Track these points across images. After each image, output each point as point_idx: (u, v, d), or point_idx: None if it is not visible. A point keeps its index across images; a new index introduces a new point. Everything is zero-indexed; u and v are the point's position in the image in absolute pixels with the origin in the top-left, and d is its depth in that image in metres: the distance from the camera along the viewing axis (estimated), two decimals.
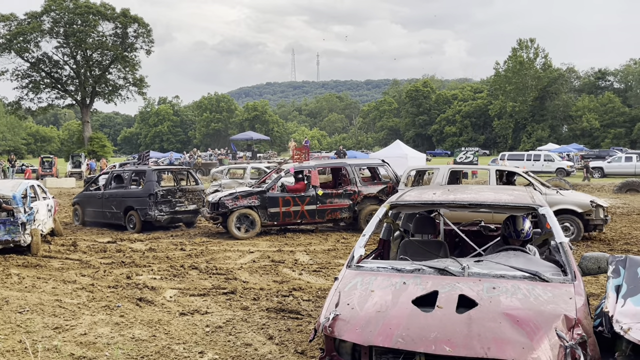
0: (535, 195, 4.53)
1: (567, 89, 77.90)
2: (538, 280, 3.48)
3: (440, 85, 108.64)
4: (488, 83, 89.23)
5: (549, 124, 74.31)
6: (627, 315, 3.11)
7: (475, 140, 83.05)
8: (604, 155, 43.67)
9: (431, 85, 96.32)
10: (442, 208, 4.86)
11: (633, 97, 74.17)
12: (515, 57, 76.74)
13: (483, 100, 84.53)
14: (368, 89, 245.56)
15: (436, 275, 3.62)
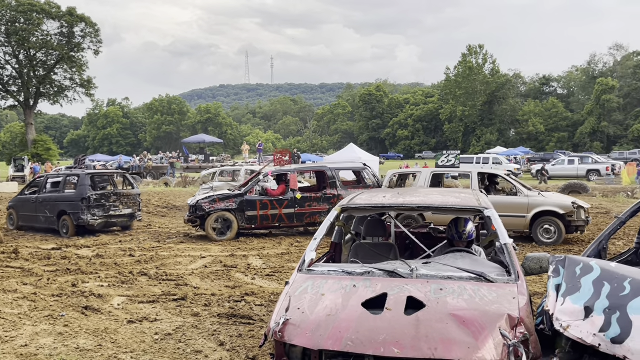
0: (481, 197, 4.65)
1: (514, 94, 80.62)
2: (483, 280, 3.57)
3: (392, 89, 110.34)
4: (439, 87, 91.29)
5: (497, 127, 76.64)
6: (566, 313, 3.22)
7: (426, 143, 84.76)
8: (548, 158, 45.42)
9: (384, 89, 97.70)
10: (392, 211, 4.93)
11: (575, 102, 77.44)
12: (465, 63, 78.87)
13: (434, 105, 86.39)
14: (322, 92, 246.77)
15: (385, 278, 3.66)
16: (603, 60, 77.51)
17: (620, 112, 68.03)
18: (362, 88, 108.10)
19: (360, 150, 37.46)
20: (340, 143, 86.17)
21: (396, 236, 6.01)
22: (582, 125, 69.22)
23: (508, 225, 10.89)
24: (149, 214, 16.33)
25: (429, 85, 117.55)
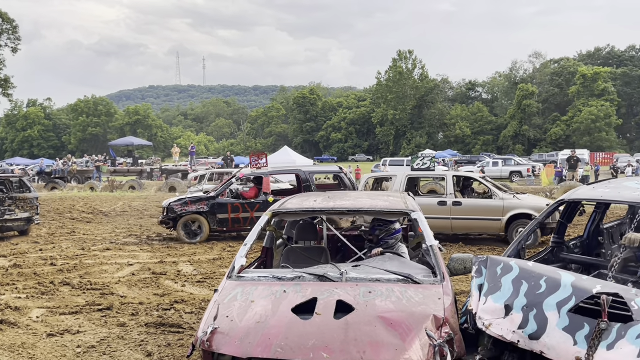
0: (408, 200, 4.76)
1: (442, 98, 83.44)
2: (410, 282, 3.65)
3: (326, 92, 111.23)
4: (371, 92, 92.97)
5: (426, 131, 78.99)
6: (488, 312, 3.35)
7: (359, 146, 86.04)
8: (474, 160, 47.35)
9: (317, 92, 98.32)
10: (322, 215, 4.95)
11: (498, 107, 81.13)
12: (395, 68, 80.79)
13: (366, 108, 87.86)
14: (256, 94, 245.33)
15: (316, 282, 3.67)
16: (523, 67, 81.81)
17: (539, 116, 71.92)
18: (296, 91, 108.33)
19: (294, 153, 37.51)
20: (274, 146, 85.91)
21: (328, 239, 6.05)
22: (506, 128, 72.60)
23: (484, 228, 11.08)
24: (72, 220, 15.60)
25: (361, 89, 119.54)
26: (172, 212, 11.44)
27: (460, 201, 10.92)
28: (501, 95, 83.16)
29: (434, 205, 10.80)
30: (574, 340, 2.97)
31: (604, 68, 70.33)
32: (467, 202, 11.03)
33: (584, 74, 68.30)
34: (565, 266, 4.72)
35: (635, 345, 2.79)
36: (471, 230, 11.08)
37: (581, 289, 3.18)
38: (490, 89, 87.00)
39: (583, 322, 3.01)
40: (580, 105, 67.22)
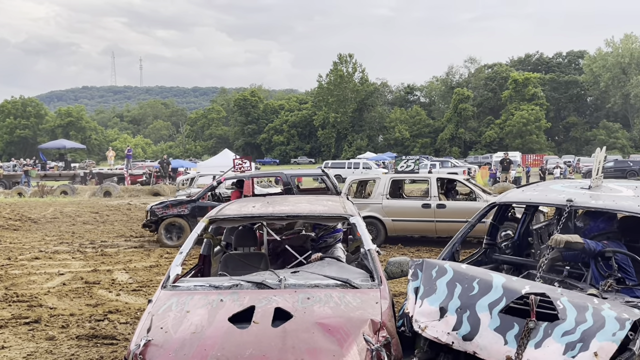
0: (347, 205, 4.78)
1: (382, 102, 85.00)
2: (349, 287, 3.67)
3: (267, 95, 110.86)
4: (312, 94, 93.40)
5: (367, 134, 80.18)
6: (424, 315, 3.41)
7: (302, 149, 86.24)
8: None
9: (259, 95, 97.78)
10: (262, 221, 4.90)
11: (436, 110, 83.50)
12: (336, 71, 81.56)
13: (308, 111, 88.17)
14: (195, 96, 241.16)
15: (254, 290, 3.63)
16: (459, 72, 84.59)
17: (474, 120, 74.55)
18: (236, 93, 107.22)
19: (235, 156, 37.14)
20: (215, 148, 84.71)
21: (269, 244, 6.00)
22: (443, 131, 74.79)
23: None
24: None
25: (302, 91, 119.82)
26: (154, 215, 11.46)
27: (445, 204, 10.88)
28: (438, 99, 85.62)
29: (418, 208, 10.85)
30: (504, 340, 3.07)
31: (533, 74, 73.79)
32: (451, 204, 10.98)
33: (515, 79, 71.41)
34: (497, 267, 4.88)
35: (560, 343, 2.91)
36: (455, 233, 11.02)
37: (511, 290, 3.29)
38: (428, 93, 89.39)
39: (513, 322, 3.12)
40: (512, 109, 70.20)
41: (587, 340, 2.87)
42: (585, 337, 2.89)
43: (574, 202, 4.05)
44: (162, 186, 28.27)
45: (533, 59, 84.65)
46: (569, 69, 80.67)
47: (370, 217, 11.07)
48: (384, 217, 11.05)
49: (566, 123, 74.56)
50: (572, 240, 3.84)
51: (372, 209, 11.21)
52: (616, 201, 4.02)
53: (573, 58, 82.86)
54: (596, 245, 3.93)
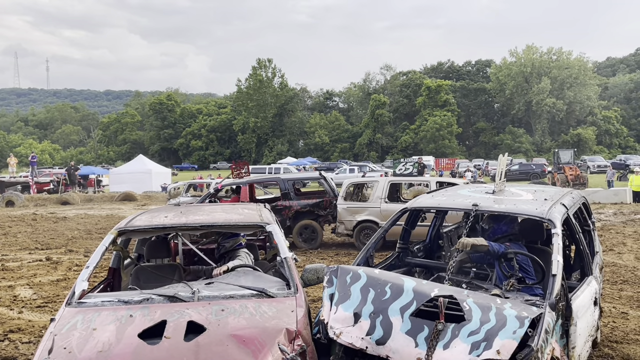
0: (264, 213, 4.75)
1: (302, 107, 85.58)
2: (265, 296, 3.65)
3: (184, 99, 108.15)
4: (231, 99, 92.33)
5: (287, 138, 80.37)
6: (339, 321, 3.45)
7: (221, 154, 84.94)
8: (333, 167, 49.16)
9: (175, 98, 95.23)
10: (174, 231, 4.76)
11: (354, 116, 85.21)
12: (256, 76, 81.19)
13: (227, 116, 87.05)
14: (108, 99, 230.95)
15: (166, 304, 3.52)
16: (376, 78, 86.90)
17: (391, 125, 76.80)
18: (152, 96, 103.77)
19: (150, 162, 36.01)
20: (129, 154, 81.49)
21: (184, 254, 5.84)
22: (361, 137, 76.42)
23: None
24: None
25: (221, 96, 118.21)
26: None
27: None
28: (356, 105, 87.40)
29: None
30: (415, 343, 3.17)
31: (445, 81, 77.16)
32: None
33: (428, 86, 74.36)
34: (410, 270, 5.04)
35: (466, 343, 3.05)
36: None
37: (421, 293, 3.40)
38: (347, 98, 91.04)
39: (423, 325, 3.22)
40: (426, 115, 72.99)
41: (490, 339, 3.02)
42: (489, 336, 3.04)
43: (479, 206, 4.26)
44: (71, 194, 26.83)
45: (445, 67, 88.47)
46: (478, 77, 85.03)
47: (368, 221, 10.94)
48: (382, 221, 10.71)
49: (476, 128, 78.48)
50: (478, 243, 4.04)
51: (370, 212, 11.10)
52: (517, 205, 4.27)
53: (481, 67, 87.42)
54: (499, 247, 4.15)
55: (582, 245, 4.43)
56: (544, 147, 69.65)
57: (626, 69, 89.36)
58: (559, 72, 71.90)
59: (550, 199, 4.39)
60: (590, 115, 72.43)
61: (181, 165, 78.56)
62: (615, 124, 72.37)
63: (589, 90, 72.28)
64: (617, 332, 5.79)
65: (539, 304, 3.40)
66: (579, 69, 72.14)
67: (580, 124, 72.17)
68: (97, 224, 16.65)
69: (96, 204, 24.93)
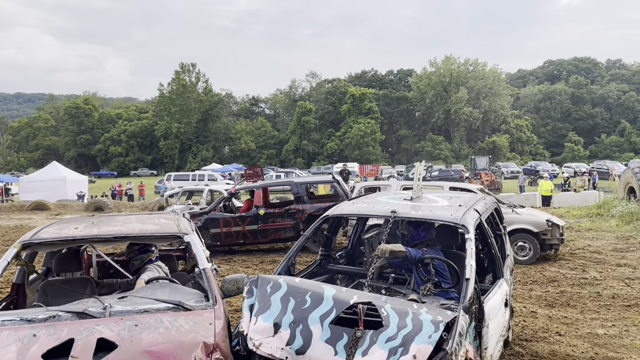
0: (182, 223, 4.61)
1: (227, 112, 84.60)
2: (182, 309, 3.52)
3: (103, 103, 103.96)
4: (153, 104, 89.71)
5: (212, 144, 79.11)
6: (258, 332, 3.39)
7: (142, 160, 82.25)
8: None
9: (93, 102, 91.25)
10: (85, 244, 4.51)
11: (281, 122, 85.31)
12: (179, 80, 79.40)
13: (149, 121, 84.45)
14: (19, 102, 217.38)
15: (74, 321, 3.31)
16: (302, 85, 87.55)
17: (317, 132, 77.55)
18: (67, 100, 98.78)
19: (65, 169, 34.25)
20: (43, 160, 77.09)
21: (99, 267, 5.56)
22: (287, 143, 76.61)
23: None
24: None
25: (143, 100, 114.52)
26: None
27: None
28: (283, 111, 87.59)
29: None
30: (334, 351, 3.17)
31: (369, 89, 79.03)
32: None
33: (353, 94, 75.85)
34: (332, 277, 5.06)
35: (384, 349, 3.08)
36: None
37: (341, 300, 3.41)
38: (273, 105, 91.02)
39: (342, 333, 3.23)
40: (351, 122, 74.35)
41: (407, 344, 3.08)
42: (406, 341, 3.09)
43: (398, 213, 4.35)
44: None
45: (368, 75, 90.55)
46: (400, 85, 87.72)
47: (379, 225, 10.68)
48: None
49: (398, 135, 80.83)
50: (396, 249, 4.12)
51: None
52: (433, 211, 4.40)
53: (403, 76, 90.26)
54: (416, 252, 4.26)
55: (494, 249, 4.63)
56: (462, 154, 72.84)
57: (535, 80, 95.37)
58: (475, 82, 75.60)
59: (464, 205, 4.56)
60: (504, 124, 76.66)
61: (99, 172, 75.26)
62: (527, 132, 76.98)
63: (503, 100, 76.55)
64: (527, 330, 6.10)
65: (454, 308, 3.51)
66: (493, 80, 76.24)
67: (495, 132, 76.17)
68: (4, 235, 15.59)
69: (4, 214, 23.35)
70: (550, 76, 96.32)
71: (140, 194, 34.58)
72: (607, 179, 35.81)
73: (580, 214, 16.95)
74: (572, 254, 10.77)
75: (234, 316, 6.23)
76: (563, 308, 7.07)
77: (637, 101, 79.98)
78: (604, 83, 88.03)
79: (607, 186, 28.80)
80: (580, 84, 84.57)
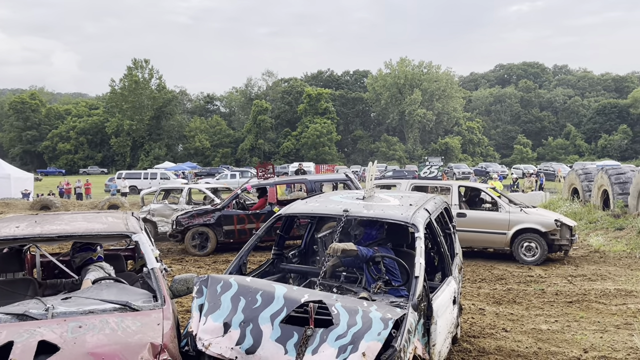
0: (130, 221, 4.50)
1: (181, 110, 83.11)
2: (129, 310, 3.45)
3: (51, 98, 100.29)
4: (104, 100, 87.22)
5: (165, 142, 77.57)
6: (208, 332, 3.35)
7: (92, 158, 79.85)
8: (214, 172, 48.28)
9: (40, 97, 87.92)
10: (26, 243, 4.34)
11: (236, 121, 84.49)
12: (131, 76, 77.44)
13: (99, 117, 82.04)
14: None
15: (14, 323, 3.20)
16: (258, 84, 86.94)
17: (273, 131, 77.25)
18: (12, 95, 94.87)
19: (9, 166, 32.84)
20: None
21: (43, 267, 5.37)
22: (243, 142, 75.96)
23: (488, 242, 10.27)
24: None
25: (93, 96, 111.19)
26: (179, 225, 11.47)
27: (465, 213, 10.40)
28: (238, 109, 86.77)
29: None
30: (285, 350, 3.16)
31: (325, 89, 79.30)
32: (471, 214, 10.51)
33: (309, 94, 75.94)
34: (284, 276, 5.05)
35: (334, 347, 3.10)
36: (474, 244, 10.50)
37: (292, 299, 3.41)
38: (228, 103, 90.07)
39: (293, 331, 3.23)
40: (307, 122, 74.42)
41: (356, 341, 3.11)
42: (355, 339, 3.12)
43: (350, 212, 4.39)
44: None
45: (325, 75, 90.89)
46: (356, 86, 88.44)
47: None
48: None
49: (354, 136, 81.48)
50: (348, 248, 4.15)
51: None
52: (384, 210, 4.45)
53: (359, 77, 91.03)
54: (368, 251, 4.30)
55: (443, 248, 4.73)
56: (416, 155, 74.10)
57: (487, 83, 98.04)
58: (429, 84, 77.03)
59: (415, 205, 4.64)
60: (456, 126, 78.48)
61: (47, 170, 72.55)
62: (478, 134, 79.02)
63: (455, 102, 78.34)
64: (474, 327, 6.27)
65: (403, 305, 3.56)
66: (446, 82, 77.87)
67: (447, 133, 77.87)
68: None
69: None
70: (500, 80, 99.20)
71: (87, 193, 33.55)
72: (553, 180, 37.15)
73: None
74: None
75: (185, 317, 6.13)
76: (510, 305, 7.30)
77: (581, 106, 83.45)
78: (551, 87, 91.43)
79: (553, 187, 29.90)
80: (529, 87, 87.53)
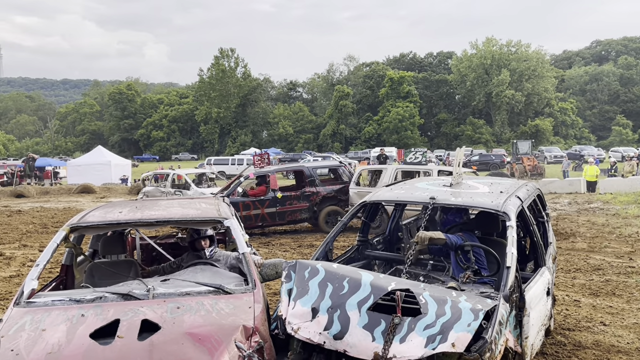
0: (222, 207, 4.68)
1: (265, 97, 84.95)
2: (222, 293, 3.60)
3: (145, 88, 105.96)
4: (193, 89, 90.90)
5: (250, 129, 79.74)
6: (297, 316, 3.43)
7: (183, 145, 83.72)
8: (297, 158, 49.08)
9: (135, 88, 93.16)
10: (129, 227, 4.64)
11: (318, 107, 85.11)
12: (218, 65, 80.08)
13: (189, 106, 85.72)
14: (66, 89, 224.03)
15: (119, 302, 3.43)
16: (339, 69, 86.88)
17: (354, 116, 77.07)
18: (111, 86, 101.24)
19: (109, 153, 35.20)
20: (88, 145, 79.45)
21: (142, 249, 5.72)
22: (325, 127, 76.46)
23: None
24: None
25: (183, 85, 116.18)
26: None
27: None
28: (320, 95, 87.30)
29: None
30: (372, 337, 3.18)
31: (408, 73, 77.80)
32: None
33: (391, 78, 74.86)
34: (369, 263, 5.06)
35: (422, 337, 3.08)
36: None
37: (379, 287, 3.41)
38: (310, 89, 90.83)
39: (380, 319, 3.24)
40: (389, 106, 73.54)
41: (446, 332, 3.06)
42: (445, 329, 3.08)
43: (437, 199, 4.30)
44: (26, 187, 26.00)
45: (407, 58, 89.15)
46: (439, 68, 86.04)
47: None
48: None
49: (437, 119, 79.55)
50: (435, 236, 4.08)
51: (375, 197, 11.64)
52: (473, 198, 4.33)
53: (443, 58, 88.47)
54: (457, 239, 4.21)
55: (536, 237, 4.53)
56: (504, 138, 71.17)
57: (582, 61, 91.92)
58: (517, 64, 73.40)
59: (505, 192, 4.47)
60: (548, 107, 74.38)
61: (142, 157, 77.04)
62: (571, 116, 74.52)
63: (547, 83, 74.15)
64: (569, 319, 5.97)
65: (494, 296, 3.46)
66: (537, 62, 73.83)
67: (538, 115, 74.01)
68: (54, 217, 16.17)
69: (53, 197, 24.21)
70: (597, 57, 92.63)
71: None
72: None
73: (627, 200, 16.36)
74: (618, 241, 10.45)
75: (273, 299, 6.32)
76: (608, 297, 6.88)
77: None
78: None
79: None
80: (630, 64, 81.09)
